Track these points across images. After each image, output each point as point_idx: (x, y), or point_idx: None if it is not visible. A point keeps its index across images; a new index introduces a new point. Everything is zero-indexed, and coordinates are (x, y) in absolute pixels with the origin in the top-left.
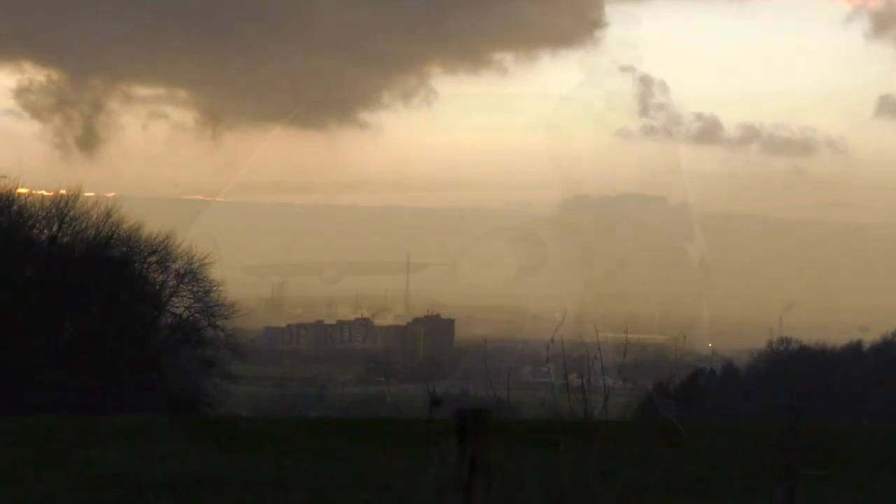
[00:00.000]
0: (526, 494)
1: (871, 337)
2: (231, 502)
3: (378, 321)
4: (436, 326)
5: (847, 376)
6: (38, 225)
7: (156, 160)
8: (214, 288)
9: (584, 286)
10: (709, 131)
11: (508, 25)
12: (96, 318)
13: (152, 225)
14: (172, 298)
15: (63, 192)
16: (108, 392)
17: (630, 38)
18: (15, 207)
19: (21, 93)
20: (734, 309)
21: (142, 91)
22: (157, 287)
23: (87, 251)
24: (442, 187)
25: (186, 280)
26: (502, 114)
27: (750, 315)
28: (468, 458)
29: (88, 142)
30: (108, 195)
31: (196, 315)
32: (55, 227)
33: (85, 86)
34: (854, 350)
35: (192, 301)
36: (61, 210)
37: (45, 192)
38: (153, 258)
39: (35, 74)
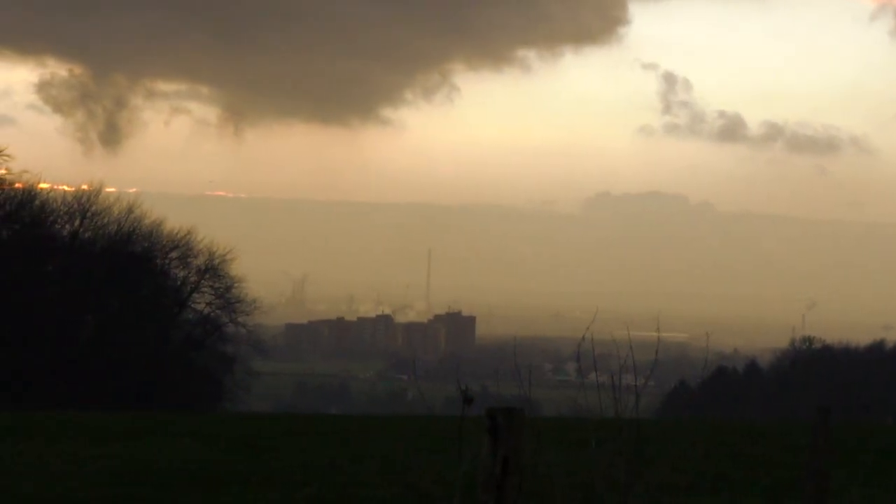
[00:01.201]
0: (556, 493)
1: (894, 336)
2: (254, 499)
3: (399, 318)
4: (457, 324)
5: (870, 375)
6: (59, 220)
7: (178, 156)
8: (236, 284)
9: (606, 284)
10: (732, 129)
11: (531, 22)
12: (117, 314)
13: (174, 220)
14: (194, 294)
15: (85, 187)
16: (128, 387)
17: (653, 35)
18: (37, 202)
19: (43, 87)
20: (757, 308)
21: (164, 87)
22: (179, 283)
23: (108, 246)
24: (464, 184)
25: (208, 276)
26: (524, 110)
27: (773, 314)
28: (501, 457)
29: (111, 137)
30: (130, 191)
31: (217, 311)
32: (77, 223)
33: (107, 81)
34: (877, 349)
35: (213, 297)
36: (83, 205)
37: (66, 188)
38: (174, 254)
39: (57, 69)
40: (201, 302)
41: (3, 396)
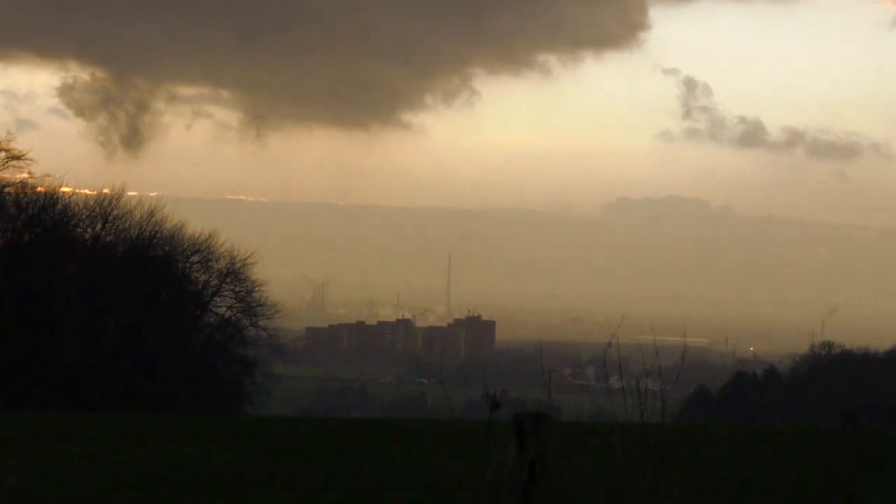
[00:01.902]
0: (582, 498)
1: None
2: (275, 502)
3: (419, 322)
4: (477, 328)
5: (890, 381)
6: (81, 224)
7: (199, 160)
8: (257, 288)
9: (625, 288)
10: (752, 134)
11: (552, 27)
12: (139, 318)
13: (195, 224)
14: (215, 298)
15: (107, 191)
16: (149, 390)
17: (673, 40)
18: (59, 206)
19: (65, 90)
20: (776, 313)
21: (186, 90)
22: (200, 287)
23: (130, 250)
24: (484, 188)
25: (229, 280)
26: (545, 115)
27: (792, 319)
28: (527, 462)
29: (132, 141)
30: (152, 194)
31: (238, 315)
32: (98, 226)
33: (129, 84)
34: None
35: (234, 301)
36: (105, 209)
37: (88, 191)
38: (196, 258)
39: (79, 73)
40: (222, 305)
41: (24, 399)
